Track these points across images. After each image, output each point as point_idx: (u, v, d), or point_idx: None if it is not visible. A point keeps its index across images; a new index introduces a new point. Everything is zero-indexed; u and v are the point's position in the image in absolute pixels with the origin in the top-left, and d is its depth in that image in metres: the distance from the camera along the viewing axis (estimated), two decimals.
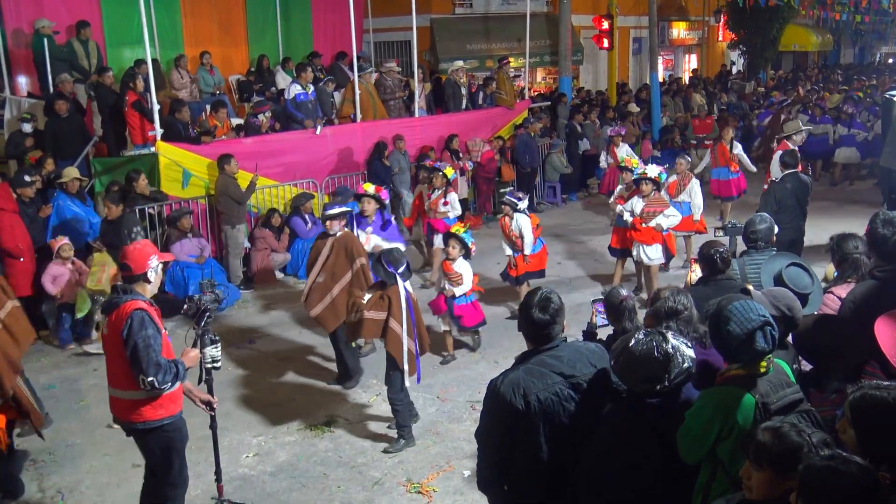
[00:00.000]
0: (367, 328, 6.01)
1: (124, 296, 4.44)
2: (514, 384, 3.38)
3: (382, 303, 5.98)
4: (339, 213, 7.29)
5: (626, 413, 3.31)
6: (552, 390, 3.37)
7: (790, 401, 3.18)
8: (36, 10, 12.13)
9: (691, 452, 3.16)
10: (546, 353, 3.47)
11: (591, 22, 20.10)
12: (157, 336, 4.38)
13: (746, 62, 26.86)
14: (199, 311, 4.87)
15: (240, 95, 14.36)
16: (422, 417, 6.68)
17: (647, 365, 3.17)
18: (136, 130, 10.64)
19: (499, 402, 3.39)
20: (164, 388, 4.38)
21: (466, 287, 7.74)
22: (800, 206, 8.53)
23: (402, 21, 15.94)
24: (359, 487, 5.70)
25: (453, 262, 7.74)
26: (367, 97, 12.67)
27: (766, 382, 3.19)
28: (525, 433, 3.37)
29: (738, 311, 3.23)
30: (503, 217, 9.02)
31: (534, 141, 14.29)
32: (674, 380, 3.17)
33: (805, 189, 8.67)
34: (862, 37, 36.72)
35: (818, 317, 4.43)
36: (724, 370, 3.30)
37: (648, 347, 3.19)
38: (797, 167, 8.93)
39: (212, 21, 14.70)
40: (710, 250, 5.26)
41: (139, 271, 4.52)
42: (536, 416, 3.34)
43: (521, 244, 8.69)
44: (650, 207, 8.95)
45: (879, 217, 4.57)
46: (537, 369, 3.42)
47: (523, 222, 8.72)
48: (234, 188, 10.05)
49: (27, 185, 8.58)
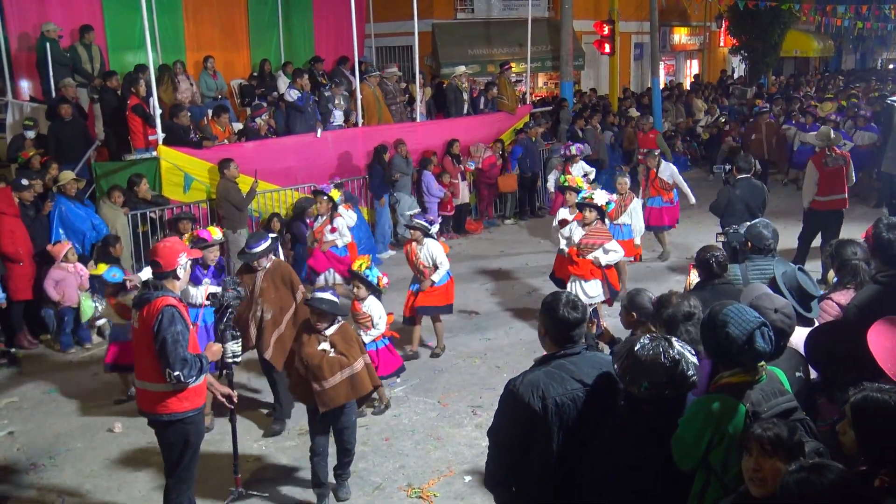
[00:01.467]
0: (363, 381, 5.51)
1: (155, 292, 4.57)
2: (534, 385, 3.36)
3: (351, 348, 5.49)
4: (266, 248, 6.39)
5: (628, 414, 3.30)
6: (570, 395, 3.36)
7: (782, 409, 3.14)
8: (39, 13, 12.16)
9: (684, 460, 3.14)
10: (567, 357, 3.46)
11: (592, 27, 20.13)
12: (186, 332, 4.52)
13: (748, 68, 26.89)
14: (221, 307, 5.14)
15: (241, 100, 14.37)
16: (423, 422, 6.67)
17: (654, 370, 3.11)
18: (138, 135, 10.66)
19: (516, 402, 3.38)
20: (189, 382, 4.53)
21: (379, 331, 6.75)
22: (749, 212, 8.49)
23: (403, 26, 15.98)
24: (360, 492, 5.69)
25: (362, 302, 6.71)
26: (373, 101, 12.68)
27: (758, 391, 3.16)
28: (540, 435, 3.37)
29: (735, 314, 3.20)
30: (410, 242, 8.02)
31: (535, 145, 14.30)
32: (679, 386, 3.14)
33: (756, 195, 8.75)
34: (863, 42, 36.77)
35: (831, 324, 4.34)
36: (717, 377, 3.25)
37: (655, 353, 3.13)
38: (750, 172, 9.02)
39: (214, 25, 14.73)
40: (706, 254, 5.27)
41: (169, 268, 4.64)
42: (552, 419, 3.33)
43: (429, 274, 7.81)
44: (589, 238, 7.83)
45: (883, 222, 4.52)
46: (557, 373, 3.40)
47: (435, 249, 7.85)
48: (235, 193, 10.05)
49: (25, 189, 8.59)
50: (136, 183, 9.61)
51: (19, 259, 8.38)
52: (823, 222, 9.69)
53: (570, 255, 7.87)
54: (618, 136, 16.63)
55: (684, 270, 9.05)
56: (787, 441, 2.76)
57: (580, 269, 7.84)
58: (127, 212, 9.45)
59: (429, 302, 7.86)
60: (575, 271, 7.87)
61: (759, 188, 8.94)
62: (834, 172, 9.76)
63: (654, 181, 11.17)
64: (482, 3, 20.65)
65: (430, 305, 7.89)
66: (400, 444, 6.35)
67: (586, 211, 7.88)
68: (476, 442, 6.23)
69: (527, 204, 14.58)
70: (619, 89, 21.44)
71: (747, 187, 8.75)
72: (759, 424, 2.85)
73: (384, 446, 6.32)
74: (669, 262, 11.06)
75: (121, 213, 9.39)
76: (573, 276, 7.90)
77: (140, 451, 6.28)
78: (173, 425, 4.64)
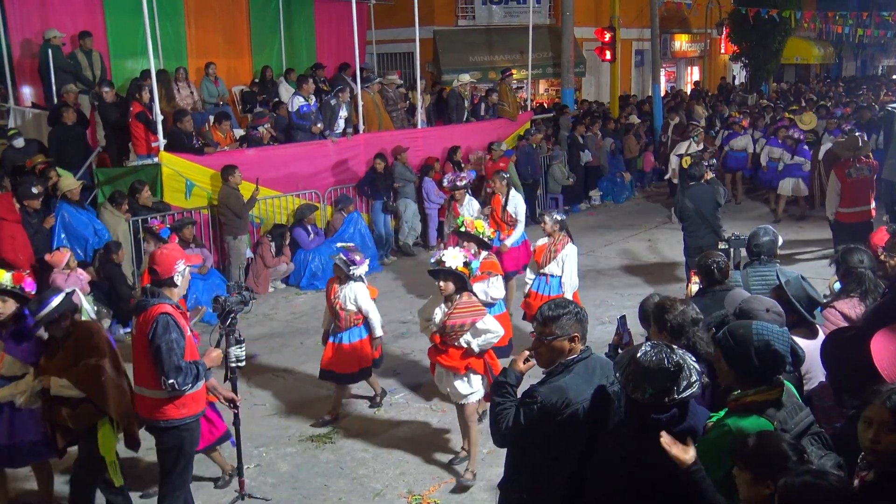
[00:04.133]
0: None
1: (152, 299, 4.59)
2: (561, 391, 3.42)
3: None
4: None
5: (630, 428, 3.27)
6: (593, 399, 3.42)
7: (806, 424, 3.13)
8: (41, 20, 12.19)
9: None
10: (583, 361, 3.52)
11: (593, 34, 20.17)
12: (181, 339, 4.51)
13: (748, 74, 26.92)
14: (224, 311, 5.16)
15: (243, 106, 14.41)
16: (423, 429, 6.66)
17: (658, 376, 3.08)
18: (141, 141, 10.67)
19: (543, 409, 3.42)
20: (184, 390, 4.52)
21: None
22: (701, 218, 8.89)
23: (404, 33, 16.02)
24: (360, 499, 5.68)
25: None
26: (373, 108, 12.70)
27: (782, 408, 3.13)
28: (566, 441, 3.40)
29: (769, 330, 3.19)
30: (332, 281, 6.68)
31: (535, 152, 14.32)
32: (682, 392, 3.11)
33: (706, 202, 8.93)
34: (864, 49, 36.83)
35: (839, 329, 4.28)
36: (739, 396, 3.20)
37: (658, 358, 3.11)
38: (701, 179, 9.22)
39: (216, 32, 14.78)
40: (707, 261, 5.28)
41: (166, 275, 4.65)
42: (579, 423, 3.38)
43: (345, 318, 6.52)
44: (455, 319, 5.54)
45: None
46: (580, 378, 3.46)
47: (360, 295, 6.49)
48: (236, 200, 10.07)
49: (35, 197, 8.60)
50: (138, 190, 9.62)
51: (19, 265, 8.37)
52: (852, 234, 9.39)
53: (434, 341, 5.76)
54: (618, 143, 16.65)
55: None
56: (752, 451, 2.77)
57: (448, 359, 5.68)
58: (128, 218, 9.46)
59: (339, 368, 6.70)
60: (443, 361, 5.71)
61: (709, 194, 9.08)
62: (858, 182, 9.44)
63: (498, 214, 9.11)
64: (483, 9, 20.72)
65: (338, 372, 6.74)
66: (400, 450, 6.33)
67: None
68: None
69: (527, 210, 14.54)
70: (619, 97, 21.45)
71: (696, 194, 9.03)
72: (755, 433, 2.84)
73: (384, 453, 6.31)
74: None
75: (122, 220, 9.40)
76: (442, 368, 5.77)
77: (137, 458, 6.25)
78: (169, 432, 4.65)
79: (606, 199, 16.26)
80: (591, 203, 16.02)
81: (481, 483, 5.72)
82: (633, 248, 12.66)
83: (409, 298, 10.13)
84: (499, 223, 8.95)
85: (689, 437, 3.09)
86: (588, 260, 11.90)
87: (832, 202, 9.68)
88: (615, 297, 10.05)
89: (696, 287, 5.55)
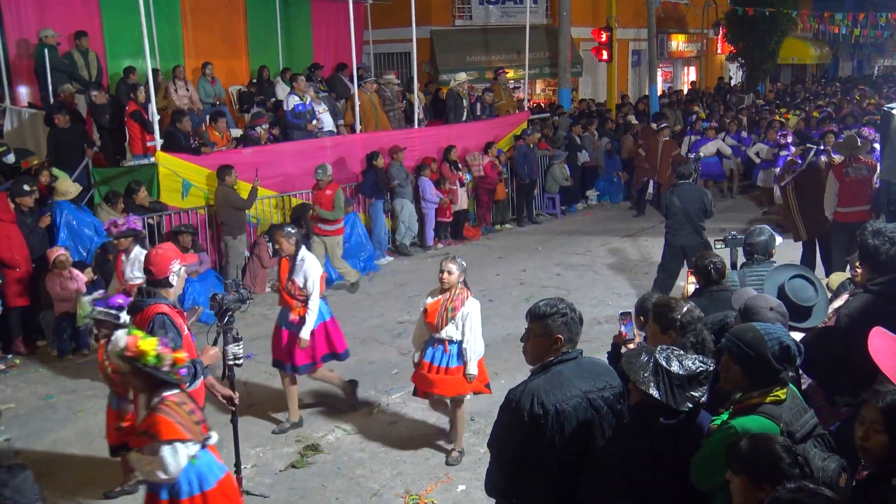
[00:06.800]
0: None
1: (148, 299, 4.62)
2: (533, 393, 3.36)
3: None
4: None
5: (634, 431, 3.26)
6: (571, 403, 3.34)
7: (811, 426, 3.12)
8: (37, 20, 12.17)
9: (705, 481, 3.09)
10: (564, 363, 3.45)
11: (590, 34, 20.21)
12: (178, 339, 4.53)
13: (745, 75, 26.96)
14: (221, 309, 5.19)
15: (240, 106, 14.40)
16: (420, 429, 6.66)
17: (692, 382, 3.12)
18: (136, 141, 10.66)
19: (516, 411, 3.37)
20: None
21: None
22: (687, 217, 8.92)
23: (402, 33, 16.01)
24: (357, 499, 5.68)
25: None
26: (370, 107, 12.70)
27: (787, 409, 3.11)
28: (541, 444, 3.35)
29: (773, 328, 3.20)
30: (100, 341, 5.68)
31: (533, 152, 14.34)
32: (699, 398, 3.12)
33: (693, 202, 8.94)
34: (860, 50, 36.93)
35: (822, 329, 4.31)
36: (744, 398, 3.19)
37: (695, 366, 3.15)
38: (689, 178, 9.28)
39: (213, 32, 14.75)
40: (703, 261, 5.27)
41: (161, 276, 4.69)
42: (553, 426, 3.32)
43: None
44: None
45: (868, 229, 4.38)
46: (556, 379, 3.39)
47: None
48: (235, 197, 10.07)
49: (27, 195, 8.58)
50: (135, 190, 9.59)
51: (16, 265, 8.37)
52: (850, 234, 9.30)
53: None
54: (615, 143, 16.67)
55: None
56: (745, 456, 2.77)
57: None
58: None
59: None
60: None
61: (697, 194, 9.11)
62: (856, 182, 9.35)
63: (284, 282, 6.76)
64: (480, 9, 20.73)
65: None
66: (397, 450, 6.34)
67: None
68: (474, 448, 6.22)
69: (524, 210, 14.60)
70: (617, 95, 21.48)
71: (684, 193, 9.02)
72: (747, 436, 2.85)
73: (381, 453, 6.31)
74: None
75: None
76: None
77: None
78: None
79: (603, 199, 16.31)
80: (588, 203, 16.05)
81: (478, 483, 5.72)
82: (629, 248, 12.67)
83: (407, 298, 10.13)
84: (285, 298, 6.65)
85: (696, 437, 3.11)
86: (584, 260, 11.93)
87: (830, 202, 9.65)
88: (612, 296, 10.06)
89: (692, 287, 5.56)
